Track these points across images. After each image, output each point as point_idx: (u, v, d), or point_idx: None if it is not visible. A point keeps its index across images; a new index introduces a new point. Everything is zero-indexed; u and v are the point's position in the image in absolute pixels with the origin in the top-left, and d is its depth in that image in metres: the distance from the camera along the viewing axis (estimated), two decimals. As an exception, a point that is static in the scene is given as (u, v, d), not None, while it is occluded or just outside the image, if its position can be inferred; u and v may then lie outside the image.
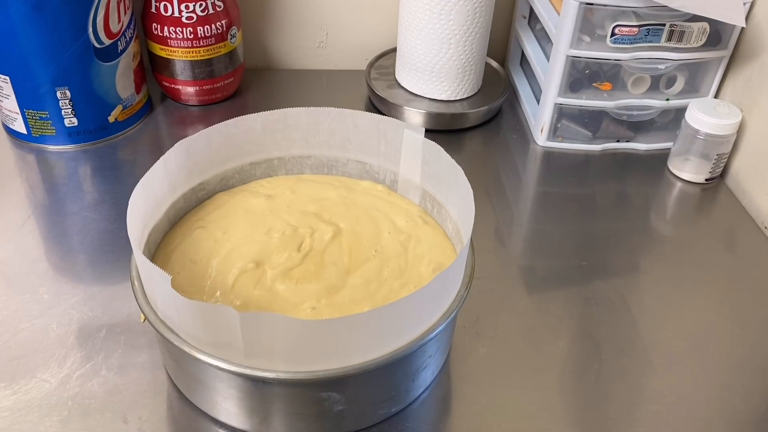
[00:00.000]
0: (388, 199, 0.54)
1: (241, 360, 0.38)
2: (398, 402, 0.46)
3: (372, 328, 0.38)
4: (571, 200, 0.68)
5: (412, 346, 0.40)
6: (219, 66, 0.76)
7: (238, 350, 0.38)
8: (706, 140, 0.68)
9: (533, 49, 0.78)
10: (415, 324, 0.40)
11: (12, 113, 0.69)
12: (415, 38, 0.74)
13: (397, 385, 0.44)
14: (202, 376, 0.42)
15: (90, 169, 0.68)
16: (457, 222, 0.49)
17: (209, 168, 0.53)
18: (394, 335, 0.39)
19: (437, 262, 0.48)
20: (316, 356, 0.38)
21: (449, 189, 0.50)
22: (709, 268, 0.61)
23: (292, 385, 0.40)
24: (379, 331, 0.38)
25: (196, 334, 0.39)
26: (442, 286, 0.40)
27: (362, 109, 0.80)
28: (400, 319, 0.39)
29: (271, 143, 0.55)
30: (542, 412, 0.47)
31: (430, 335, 0.41)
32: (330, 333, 0.37)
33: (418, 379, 0.46)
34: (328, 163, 0.56)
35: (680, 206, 0.70)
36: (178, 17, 0.71)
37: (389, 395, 0.44)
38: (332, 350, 0.38)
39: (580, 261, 0.60)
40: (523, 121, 0.79)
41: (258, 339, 0.37)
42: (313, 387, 0.40)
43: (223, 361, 0.39)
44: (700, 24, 0.67)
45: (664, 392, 0.49)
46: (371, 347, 0.39)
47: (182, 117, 0.77)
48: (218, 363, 0.39)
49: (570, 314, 0.55)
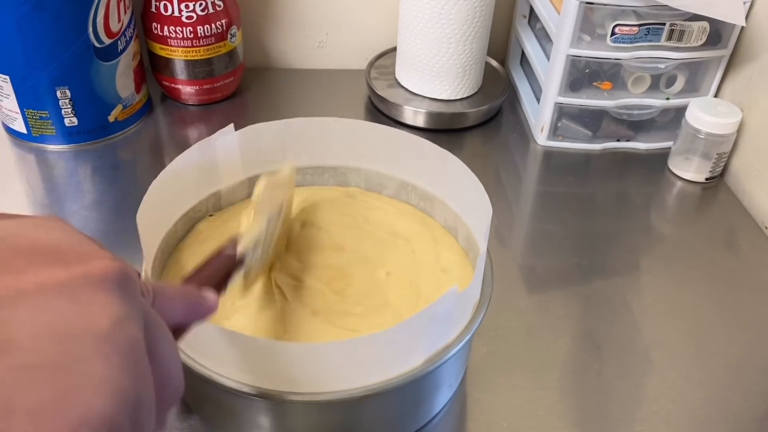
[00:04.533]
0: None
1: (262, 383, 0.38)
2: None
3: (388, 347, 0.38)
4: (572, 200, 0.68)
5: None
6: (219, 65, 0.76)
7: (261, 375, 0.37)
8: (707, 139, 0.68)
9: (533, 48, 0.78)
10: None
11: (12, 113, 0.68)
12: (415, 37, 0.74)
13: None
14: (214, 393, 0.42)
15: (90, 169, 0.68)
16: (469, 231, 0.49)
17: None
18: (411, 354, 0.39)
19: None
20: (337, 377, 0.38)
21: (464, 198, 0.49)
22: (709, 268, 0.61)
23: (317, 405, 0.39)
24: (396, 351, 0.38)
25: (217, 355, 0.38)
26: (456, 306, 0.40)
27: (362, 108, 0.80)
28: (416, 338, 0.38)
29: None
30: (542, 411, 0.47)
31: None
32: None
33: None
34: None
35: (680, 205, 0.70)
36: (178, 17, 0.71)
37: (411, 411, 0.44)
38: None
39: (580, 260, 0.60)
40: (523, 121, 0.79)
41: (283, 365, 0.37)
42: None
43: (246, 385, 0.38)
44: (700, 23, 0.67)
45: (665, 391, 0.49)
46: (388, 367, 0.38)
47: (182, 116, 0.77)
48: (237, 386, 0.38)
49: (570, 314, 0.55)
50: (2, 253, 0.19)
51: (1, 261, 0.19)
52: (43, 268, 0.19)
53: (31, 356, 0.18)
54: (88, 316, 0.19)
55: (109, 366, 0.19)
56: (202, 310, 0.30)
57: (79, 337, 0.19)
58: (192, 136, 0.74)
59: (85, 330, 0.19)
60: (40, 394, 0.17)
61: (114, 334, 0.19)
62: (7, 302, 0.18)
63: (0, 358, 0.17)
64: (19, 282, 0.19)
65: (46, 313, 0.18)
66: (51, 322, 0.18)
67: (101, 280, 0.20)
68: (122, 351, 0.19)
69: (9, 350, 0.17)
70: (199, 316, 0.30)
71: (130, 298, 0.21)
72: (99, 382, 0.18)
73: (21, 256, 0.20)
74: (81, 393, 0.18)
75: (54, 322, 0.18)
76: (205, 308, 0.30)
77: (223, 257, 0.37)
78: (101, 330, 0.19)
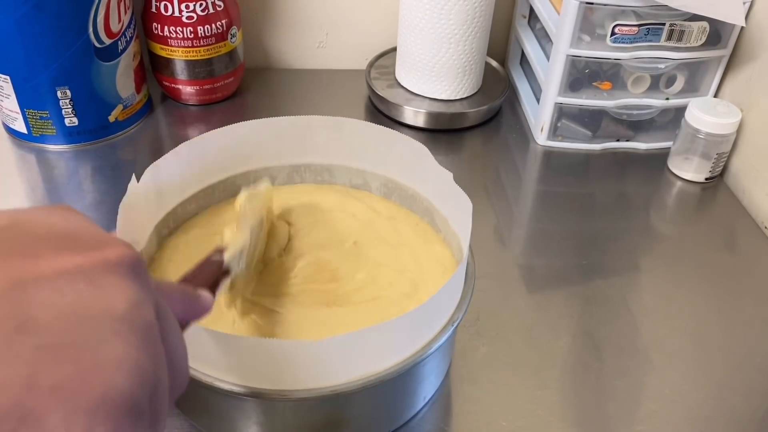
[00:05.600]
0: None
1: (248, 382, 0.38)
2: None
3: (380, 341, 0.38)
4: (571, 200, 0.68)
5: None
6: (219, 66, 0.76)
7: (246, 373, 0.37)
8: (706, 139, 0.68)
9: (533, 48, 0.78)
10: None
11: (12, 113, 0.69)
12: (415, 38, 0.74)
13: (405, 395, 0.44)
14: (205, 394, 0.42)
15: (90, 169, 0.68)
16: (456, 231, 0.49)
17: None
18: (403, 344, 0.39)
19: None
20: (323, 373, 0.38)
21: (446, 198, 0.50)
22: (709, 268, 0.61)
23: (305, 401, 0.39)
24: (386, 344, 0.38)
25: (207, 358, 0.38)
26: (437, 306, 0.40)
27: (362, 108, 0.80)
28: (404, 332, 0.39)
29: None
30: (542, 411, 0.47)
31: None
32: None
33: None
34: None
35: (680, 205, 0.70)
36: (178, 17, 0.71)
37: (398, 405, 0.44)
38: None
39: (580, 260, 0.61)
40: (523, 121, 0.79)
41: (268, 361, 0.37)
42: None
43: (237, 386, 0.38)
44: (699, 23, 0.67)
45: (664, 391, 0.50)
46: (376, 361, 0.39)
47: (182, 116, 0.77)
48: (226, 386, 0.38)
49: (570, 313, 0.55)
50: (21, 239, 0.20)
51: (21, 246, 0.20)
52: (61, 253, 0.20)
53: (53, 335, 0.18)
54: (107, 298, 0.20)
55: (128, 345, 0.19)
56: (198, 309, 0.31)
57: (98, 318, 0.19)
58: (192, 136, 0.74)
59: (104, 311, 0.19)
60: (63, 372, 0.18)
61: (131, 316, 0.20)
62: (29, 285, 0.19)
63: (24, 337, 0.18)
64: (39, 266, 0.19)
65: (67, 295, 0.19)
66: (71, 303, 0.19)
67: (117, 265, 0.21)
68: (139, 332, 0.20)
69: (33, 330, 0.18)
70: (196, 314, 0.31)
71: (144, 284, 0.22)
72: (119, 361, 0.19)
73: (39, 241, 0.20)
74: (103, 371, 0.19)
75: (74, 304, 0.19)
76: (201, 307, 0.31)
77: (211, 263, 0.38)
78: (119, 312, 0.20)
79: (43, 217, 0.21)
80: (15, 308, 0.18)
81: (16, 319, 0.18)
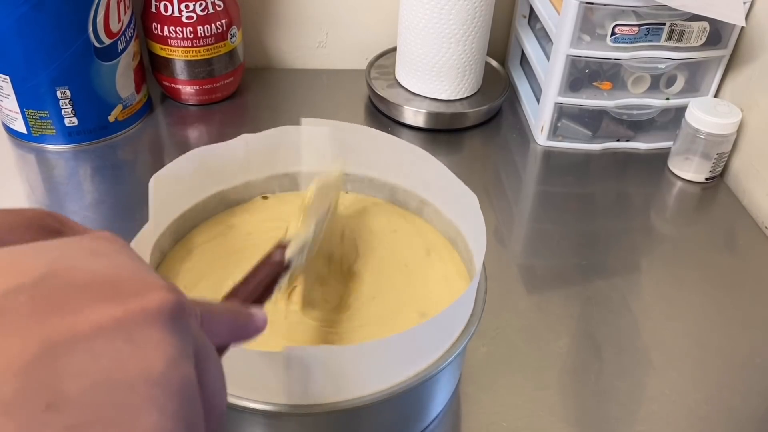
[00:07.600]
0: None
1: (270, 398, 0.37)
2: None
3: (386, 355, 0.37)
4: (571, 200, 0.68)
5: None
6: (219, 65, 0.76)
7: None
8: (707, 139, 0.68)
9: (533, 48, 0.78)
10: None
11: (12, 113, 0.69)
12: (415, 37, 0.74)
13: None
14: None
15: (90, 169, 0.68)
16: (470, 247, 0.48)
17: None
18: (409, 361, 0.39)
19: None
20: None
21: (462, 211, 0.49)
22: (709, 268, 0.61)
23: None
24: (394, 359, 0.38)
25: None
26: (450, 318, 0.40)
27: (362, 108, 0.80)
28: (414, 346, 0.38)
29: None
30: (542, 411, 0.47)
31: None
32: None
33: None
34: None
35: (680, 205, 0.70)
36: (178, 17, 0.71)
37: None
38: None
39: (580, 260, 0.61)
40: (523, 121, 0.79)
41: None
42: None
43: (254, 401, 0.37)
44: (700, 23, 0.67)
45: (665, 391, 0.49)
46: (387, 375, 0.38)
47: (182, 116, 0.77)
48: (233, 400, 0.37)
49: (570, 314, 0.55)
50: (59, 291, 0.19)
51: (58, 300, 0.19)
52: (99, 305, 0.19)
53: (84, 412, 0.17)
54: (143, 357, 0.19)
55: (162, 415, 0.19)
56: (249, 331, 0.28)
57: (133, 383, 0.19)
58: (192, 136, 0.74)
59: (140, 374, 0.19)
60: None
61: (168, 377, 0.19)
62: (63, 349, 0.18)
63: (54, 416, 0.17)
64: (76, 324, 0.18)
65: (101, 359, 0.18)
66: (105, 369, 0.18)
67: (157, 314, 0.20)
68: (176, 396, 0.19)
69: (63, 406, 0.17)
70: (246, 336, 0.28)
71: (184, 333, 0.21)
72: None
73: (78, 292, 0.19)
74: None
75: (108, 369, 0.18)
76: (253, 328, 0.29)
77: (271, 264, 0.37)
78: (155, 373, 0.19)
79: (86, 262, 0.20)
80: (46, 380, 0.17)
81: (46, 395, 0.17)
